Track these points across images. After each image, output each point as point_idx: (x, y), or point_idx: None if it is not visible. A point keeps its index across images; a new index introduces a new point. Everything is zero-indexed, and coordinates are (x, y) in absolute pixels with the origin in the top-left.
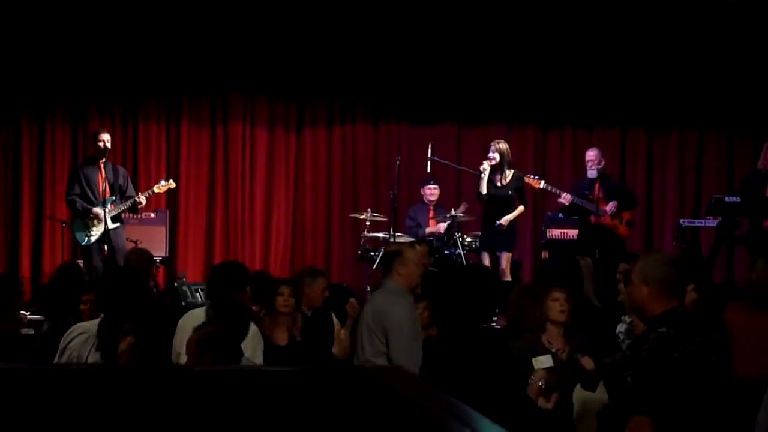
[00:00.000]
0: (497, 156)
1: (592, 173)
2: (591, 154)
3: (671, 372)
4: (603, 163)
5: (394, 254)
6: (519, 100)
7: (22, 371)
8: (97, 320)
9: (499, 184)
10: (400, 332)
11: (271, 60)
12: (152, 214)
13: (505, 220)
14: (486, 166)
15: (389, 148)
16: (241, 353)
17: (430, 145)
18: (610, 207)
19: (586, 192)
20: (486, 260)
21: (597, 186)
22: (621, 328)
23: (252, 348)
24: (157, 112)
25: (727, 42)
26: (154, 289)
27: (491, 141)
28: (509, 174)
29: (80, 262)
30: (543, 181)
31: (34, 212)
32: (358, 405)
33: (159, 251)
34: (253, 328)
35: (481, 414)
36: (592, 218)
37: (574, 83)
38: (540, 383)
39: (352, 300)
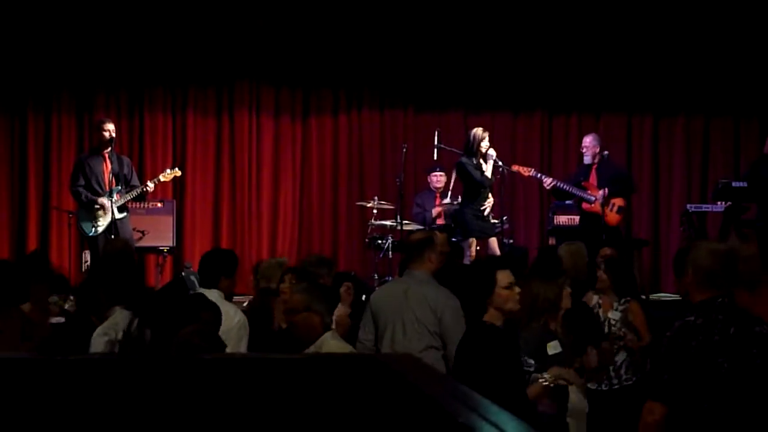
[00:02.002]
0: (489, 143)
1: (587, 159)
2: (586, 141)
3: (688, 360)
4: (599, 149)
5: (426, 241)
6: (525, 87)
7: (25, 361)
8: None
9: (488, 173)
10: (458, 328)
11: (276, 48)
12: (159, 204)
13: (491, 204)
14: (492, 153)
15: (395, 136)
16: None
17: (436, 133)
18: (600, 195)
19: (582, 178)
20: (473, 246)
21: (593, 172)
22: (614, 315)
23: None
24: (163, 102)
25: (733, 27)
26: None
27: (497, 127)
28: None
29: (87, 253)
30: (532, 169)
31: (40, 203)
32: (366, 392)
33: (166, 241)
34: (241, 318)
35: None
36: (584, 205)
37: (580, 70)
38: (549, 383)
39: (348, 284)
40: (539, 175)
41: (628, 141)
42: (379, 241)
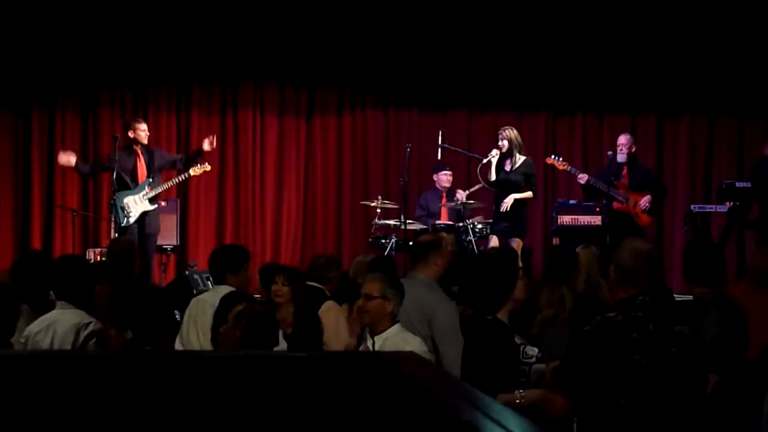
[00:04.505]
0: (506, 143)
1: (621, 158)
2: (623, 139)
3: (605, 356)
4: (634, 149)
5: (433, 244)
6: (529, 87)
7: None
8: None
9: (508, 169)
10: (455, 339)
11: (281, 46)
12: (163, 203)
13: (508, 200)
14: (495, 152)
15: (399, 135)
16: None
17: (440, 132)
18: (644, 203)
19: (612, 177)
20: (494, 243)
21: (625, 172)
22: None
23: None
24: (167, 100)
25: (737, 27)
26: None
27: (502, 127)
28: (519, 160)
29: (90, 251)
30: (567, 163)
31: (44, 201)
32: (369, 391)
33: (170, 240)
34: None
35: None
36: (615, 204)
37: (584, 69)
38: (520, 402)
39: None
40: (574, 170)
41: None
42: (383, 241)
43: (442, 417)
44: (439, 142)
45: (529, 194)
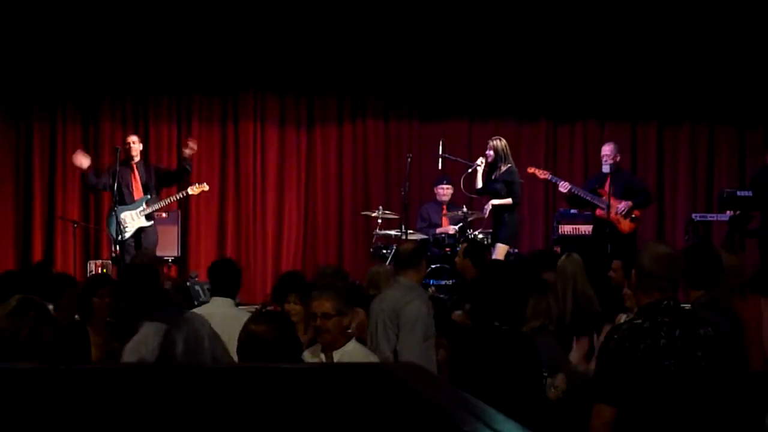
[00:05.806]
0: (491, 152)
1: (606, 168)
2: (606, 149)
3: (636, 363)
4: (619, 158)
5: (421, 250)
6: (530, 95)
7: (30, 371)
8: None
9: (493, 178)
10: (413, 331)
11: (281, 57)
12: (164, 215)
13: (487, 206)
14: (480, 161)
15: (400, 145)
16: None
17: (441, 143)
18: (622, 207)
19: (596, 186)
20: (497, 254)
21: (608, 181)
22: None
23: None
24: (168, 111)
25: (737, 35)
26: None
27: (502, 136)
28: (503, 169)
29: (92, 262)
30: (548, 173)
31: (45, 212)
32: (371, 401)
33: (171, 251)
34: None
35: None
36: (598, 211)
37: (584, 78)
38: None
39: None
40: (555, 179)
41: (632, 149)
42: (384, 251)
43: (444, 428)
44: (440, 152)
45: (507, 201)
